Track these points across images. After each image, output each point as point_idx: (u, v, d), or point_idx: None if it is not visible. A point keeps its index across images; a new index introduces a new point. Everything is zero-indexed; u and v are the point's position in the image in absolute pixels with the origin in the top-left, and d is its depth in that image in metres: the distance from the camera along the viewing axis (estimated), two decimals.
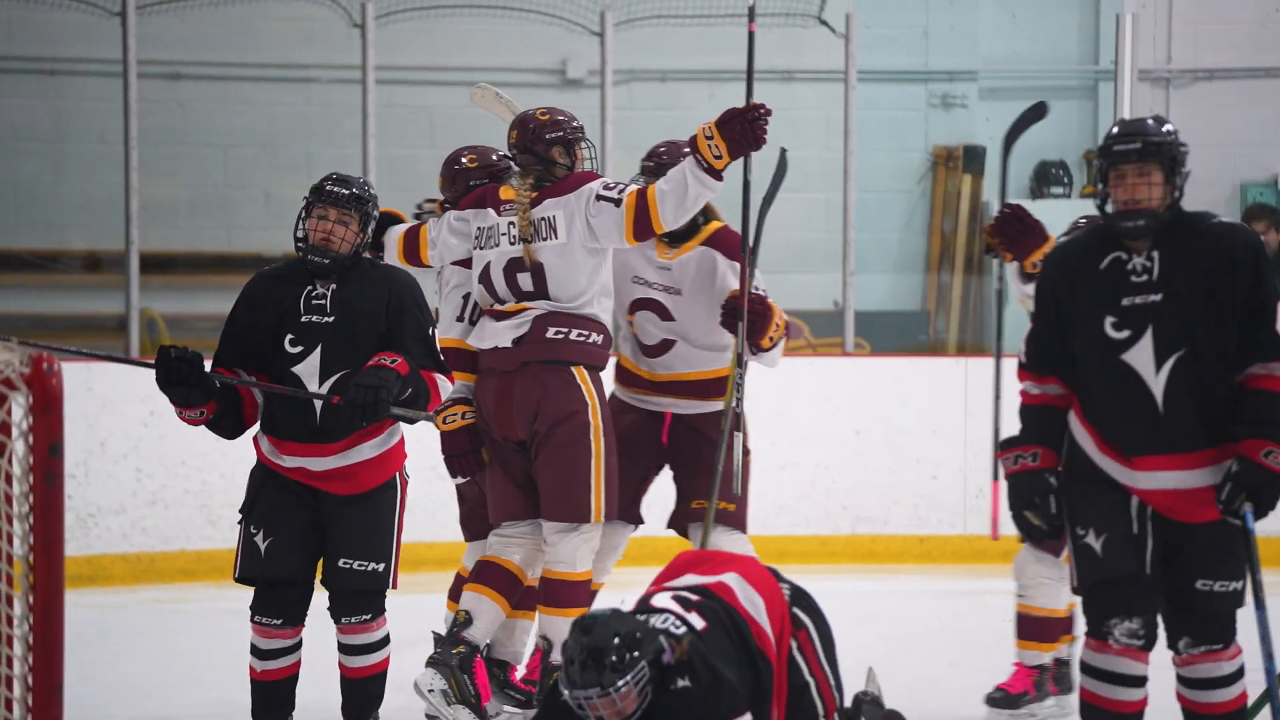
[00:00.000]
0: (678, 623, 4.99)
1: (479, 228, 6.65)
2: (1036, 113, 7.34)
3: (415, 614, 7.42)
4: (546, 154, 6.63)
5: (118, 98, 10.91)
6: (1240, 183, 13.64)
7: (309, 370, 6.01)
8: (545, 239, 6.53)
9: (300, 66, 13.41)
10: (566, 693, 4.82)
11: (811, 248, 13.51)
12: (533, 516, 6.63)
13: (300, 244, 6.08)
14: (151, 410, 10.02)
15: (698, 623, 5.00)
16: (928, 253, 13.92)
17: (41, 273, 13.31)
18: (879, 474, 10.84)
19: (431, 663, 6.48)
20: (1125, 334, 5.20)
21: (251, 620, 6.12)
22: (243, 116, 13.45)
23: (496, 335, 6.58)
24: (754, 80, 6.75)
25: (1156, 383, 5.17)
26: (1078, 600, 5.61)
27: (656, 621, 4.95)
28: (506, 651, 6.90)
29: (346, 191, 6.09)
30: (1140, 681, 5.22)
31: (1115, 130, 5.29)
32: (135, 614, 9.53)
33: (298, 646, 6.18)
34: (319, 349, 6.02)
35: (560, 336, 6.51)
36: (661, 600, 5.08)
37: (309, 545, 6.07)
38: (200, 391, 5.98)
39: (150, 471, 10.18)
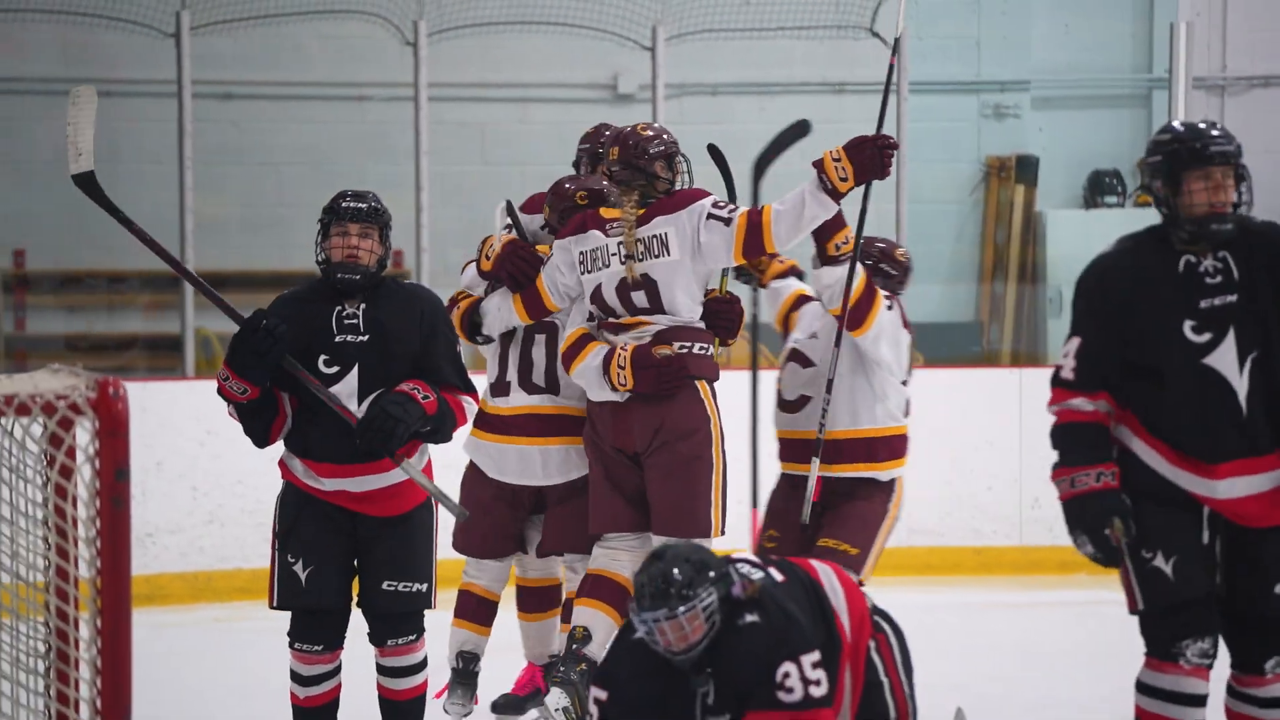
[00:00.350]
0: (755, 569, 5.06)
1: (582, 252, 6.56)
2: (798, 130, 7.24)
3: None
4: (650, 168, 6.61)
5: (171, 118, 10.96)
6: None
7: (347, 390, 5.95)
8: (658, 256, 6.48)
9: (353, 85, 13.45)
10: (635, 619, 4.90)
11: None
12: (641, 529, 6.59)
13: (324, 264, 6.02)
14: (208, 429, 10.05)
15: (776, 575, 5.07)
16: (980, 263, 13.88)
17: (98, 293, 13.39)
18: (934, 485, 10.81)
19: (557, 681, 6.49)
20: (1206, 337, 5.10)
21: (292, 647, 6.11)
22: (296, 135, 13.51)
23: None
24: (806, 93, 6.73)
25: (1241, 384, 5.07)
26: None
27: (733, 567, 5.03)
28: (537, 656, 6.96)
29: (365, 206, 6.04)
30: (1205, 701, 5.16)
31: (1184, 131, 5.16)
32: (193, 632, 9.56)
33: (339, 670, 6.16)
34: (355, 369, 5.96)
35: (684, 350, 6.47)
36: (742, 556, 5.17)
37: (347, 570, 6.04)
38: (264, 372, 5.87)
39: (207, 490, 10.21)
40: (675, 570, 4.90)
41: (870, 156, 6.40)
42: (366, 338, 5.97)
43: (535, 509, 6.89)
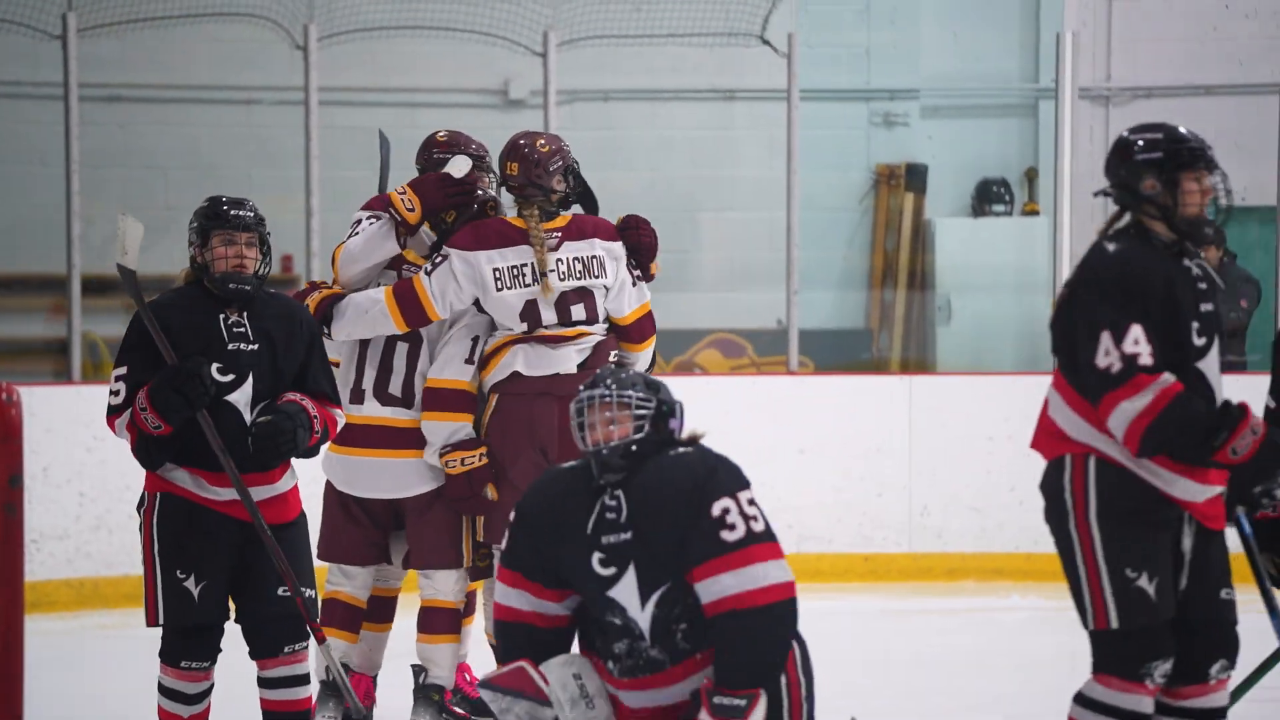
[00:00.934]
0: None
1: (499, 269, 6.61)
2: (383, 143, 7.38)
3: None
4: (548, 183, 6.66)
5: (58, 120, 10.85)
6: None
7: (243, 399, 5.86)
8: (597, 276, 6.65)
9: (242, 89, 13.36)
10: (573, 405, 5.01)
11: (754, 266, 13.54)
12: None
13: (202, 271, 5.89)
14: (94, 435, 9.95)
15: None
16: (870, 270, 13.96)
17: None
18: (823, 492, 10.85)
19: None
20: (1203, 341, 5.01)
21: (174, 666, 5.94)
22: (183, 139, 13.40)
23: (558, 361, 6.61)
24: (697, 99, 6.84)
25: (1219, 390, 5.02)
26: None
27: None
28: (440, 676, 6.83)
29: (251, 215, 5.93)
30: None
31: (1178, 131, 5.04)
32: (80, 640, 9.46)
33: (212, 686, 6.04)
34: (250, 378, 5.88)
35: (617, 358, 6.69)
36: None
37: (230, 583, 5.91)
38: (184, 416, 5.77)
39: (94, 496, 10.11)
40: (627, 375, 5.04)
41: (431, 188, 6.63)
42: (256, 346, 5.89)
43: (396, 523, 6.85)
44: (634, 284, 6.76)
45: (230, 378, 5.85)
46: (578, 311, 6.63)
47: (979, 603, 10.06)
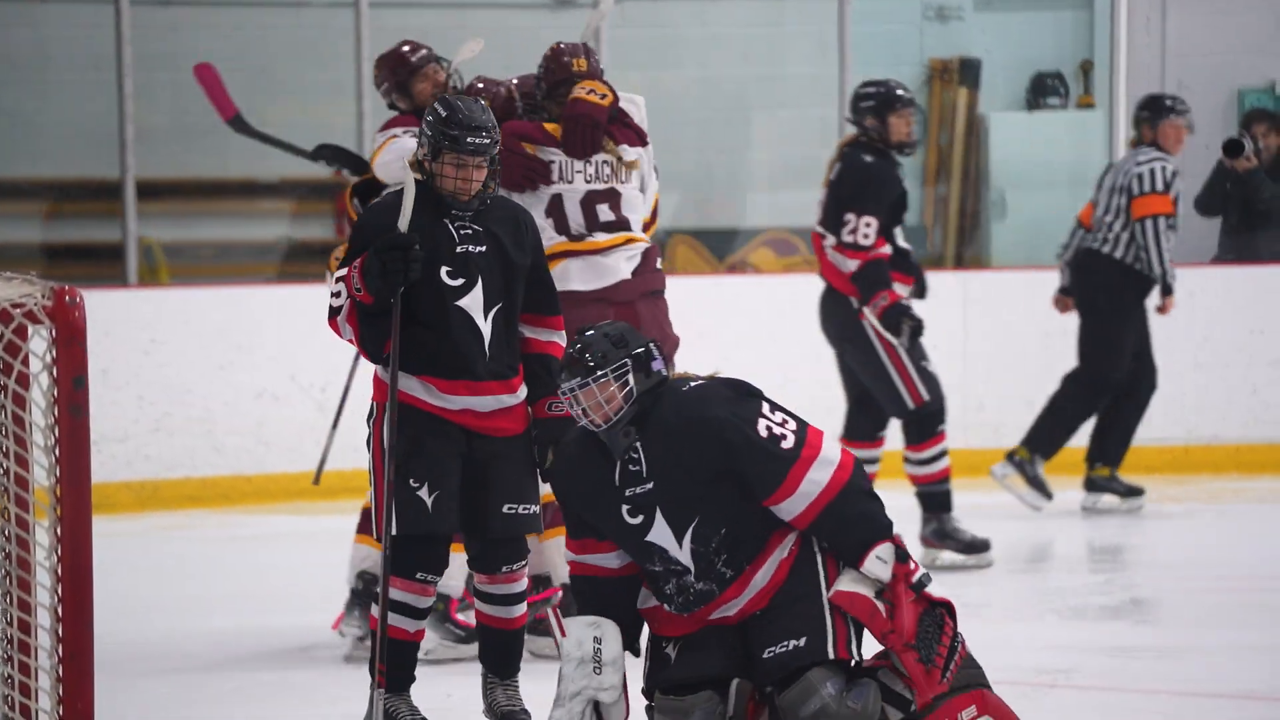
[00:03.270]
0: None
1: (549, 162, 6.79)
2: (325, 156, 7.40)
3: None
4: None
5: (108, 24, 10.86)
6: (1238, 89, 13.59)
7: (474, 303, 5.60)
8: (625, 181, 6.77)
9: None
10: (562, 396, 5.03)
11: (807, 164, 13.47)
12: None
13: (430, 184, 5.59)
14: (152, 338, 10.02)
15: None
16: (924, 166, 13.89)
17: (35, 201, 13.27)
18: None
19: None
20: None
21: (408, 578, 5.59)
22: (234, 42, 13.38)
23: (611, 272, 6.74)
24: None
25: None
26: None
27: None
28: (449, 585, 6.79)
29: (488, 140, 5.58)
30: None
31: None
32: (141, 541, 9.56)
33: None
34: (480, 281, 5.60)
35: (661, 268, 6.85)
36: None
37: (459, 494, 5.65)
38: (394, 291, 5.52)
39: (153, 399, 10.18)
40: (591, 342, 5.02)
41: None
42: (484, 249, 5.61)
43: None
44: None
45: (460, 281, 5.60)
46: (604, 212, 6.72)
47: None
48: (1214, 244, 11.96)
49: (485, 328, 5.60)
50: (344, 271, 5.55)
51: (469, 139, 5.54)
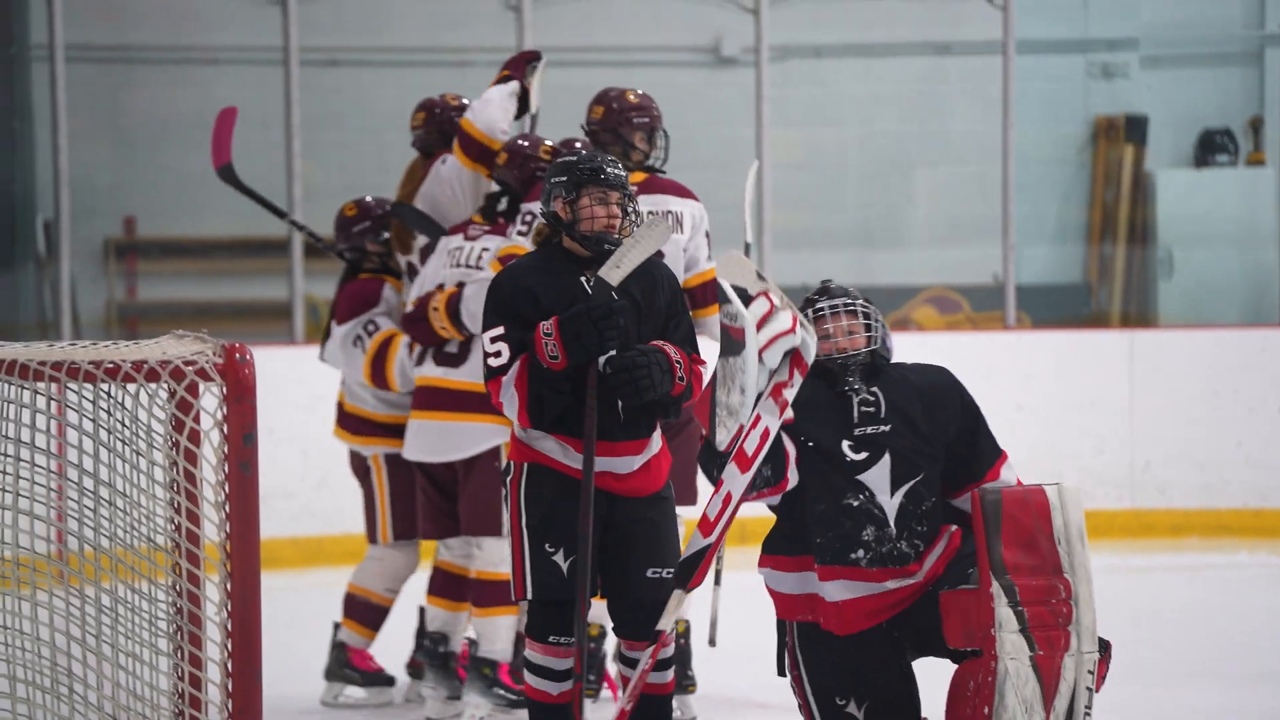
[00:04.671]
0: None
1: None
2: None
3: None
4: (630, 137, 6.67)
5: (273, 84, 11.00)
6: None
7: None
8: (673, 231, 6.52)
9: (455, 50, 13.46)
10: (807, 312, 5.26)
11: (969, 221, 13.41)
12: None
13: (567, 228, 5.55)
14: (316, 395, 10.10)
15: None
16: (1089, 224, 13.77)
17: (203, 259, 13.46)
18: (1041, 447, 10.74)
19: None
20: None
21: (542, 641, 5.53)
22: (397, 102, 13.51)
23: None
24: (909, 54, 6.77)
25: None
26: None
27: None
28: (496, 650, 6.77)
29: (624, 174, 5.57)
30: None
31: None
32: (306, 598, 9.61)
33: None
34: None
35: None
36: None
37: (599, 556, 5.57)
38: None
39: (316, 456, 10.26)
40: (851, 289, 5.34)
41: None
42: (624, 302, 5.49)
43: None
44: (708, 256, 6.69)
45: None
46: None
47: (1205, 560, 9.90)
48: None
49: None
50: (499, 329, 5.48)
51: (607, 168, 5.54)
